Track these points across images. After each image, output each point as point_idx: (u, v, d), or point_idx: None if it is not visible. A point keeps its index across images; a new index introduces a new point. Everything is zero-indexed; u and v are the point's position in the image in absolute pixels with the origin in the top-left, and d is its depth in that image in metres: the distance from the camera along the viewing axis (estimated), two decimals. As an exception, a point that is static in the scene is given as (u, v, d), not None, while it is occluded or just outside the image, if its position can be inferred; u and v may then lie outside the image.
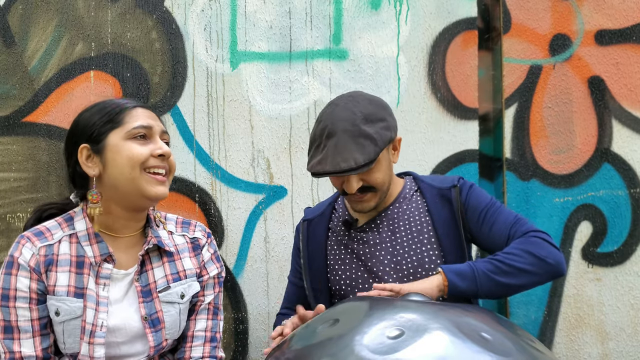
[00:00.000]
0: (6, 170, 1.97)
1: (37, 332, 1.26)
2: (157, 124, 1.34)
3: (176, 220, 1.48)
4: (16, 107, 1.97)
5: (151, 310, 1.32)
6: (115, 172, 1.27)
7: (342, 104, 1.45)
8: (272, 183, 2.07)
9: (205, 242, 1.47)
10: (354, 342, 0.88)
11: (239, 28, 2.06)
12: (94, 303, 1.27)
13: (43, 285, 1.26)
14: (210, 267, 1.45)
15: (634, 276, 2.11)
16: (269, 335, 1.56)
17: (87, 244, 1.30)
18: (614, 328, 2.11)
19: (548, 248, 1.41)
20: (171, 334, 1.35)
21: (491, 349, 0.88)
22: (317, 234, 1.62)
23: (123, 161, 1.26)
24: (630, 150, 2.11)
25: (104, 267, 1.30)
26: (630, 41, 2.11)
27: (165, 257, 1.39)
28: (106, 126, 1.29)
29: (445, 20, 2.10)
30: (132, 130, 1.28)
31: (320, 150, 1.42)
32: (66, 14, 1.99)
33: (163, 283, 1.35)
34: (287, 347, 1.00)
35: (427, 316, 0.93)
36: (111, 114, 1.30)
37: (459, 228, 1.51)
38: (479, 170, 2.13)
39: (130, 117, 1.30)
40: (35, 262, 1.26)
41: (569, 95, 2.12)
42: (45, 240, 1.28)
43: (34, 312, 1.25)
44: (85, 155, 1.30)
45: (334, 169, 1.38)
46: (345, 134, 1.39)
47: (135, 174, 1.26)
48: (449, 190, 1.54)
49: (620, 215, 2.12)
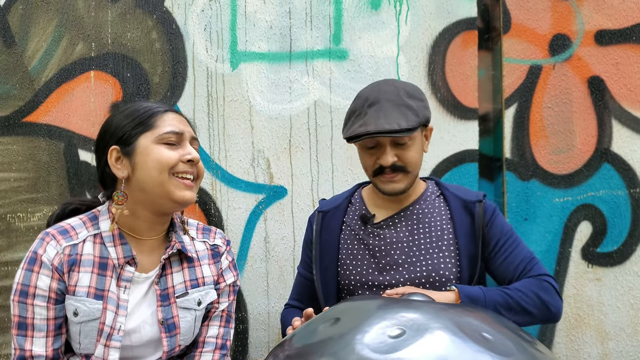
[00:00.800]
0: (6, 170, 1.97)
1: (51, 332, 1.25)
2: (188, 129, 1.35)
3: (197, 226, 1.48)
4: (16, 107, 1.97)
5: (168, 315, 1.32)
6: (143, 174, 1.27)
7: (382, 82, 1.49)
8: (272, 183, 2.07)
9: (225, 249, 1.47)
10: (354, 341, 0.88)
11: (239, 28, 2.06)
12: (114, 306, 1.27)
13: (64, 285, 1.25)
14: (227, 275, 1.46)
15: (634, 276, 2.12)
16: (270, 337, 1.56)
17: (112, 245, 1.30)
18: (614, 328, 2.12)
19: (555, 297, 1.47)
20: (185, 339, 1.36)
21: (492, 349, 0.88)
22: (332, 227, 1.61)
23: (152, 164, 1.27)
24: (630, 150, 2.11)
25: (126, 269, 1.30)
26: (630, 41, 2.11)
27: (186, 263, 1.39)
28: (137, 129, 1.30)
29: (445, 20, 2.11)
30: (163, 135, 1.29)
31: (362, 117, 1.43)
32: (66, 14, 1.99)
33: (181, 289, 1.36)
34: (287, 346, 1.00)
35: (428, 316, 0.93)
36: (143, 117, 1.31)
37: (477, 244, 1.51)
38: (479, 170, 2.13)
39: (161, 122, 1.31)
40: (59, 261, 1.25)
41: (569, 95, 2.12)
42: (70, 240, 1.28)
43: (51, 312, 1.25)
44: (115, 157, 1.30)
45: (377, 128, 1.38)
46: (388, 102, 1.42)
47: (164, 177, 1.27)
48: (473, 205, 1.54)
49: (620, 215, 2.12)
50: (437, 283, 1.47)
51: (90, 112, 2.00)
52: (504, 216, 1.61)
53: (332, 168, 2.08)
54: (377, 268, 1.52)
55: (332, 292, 1.57)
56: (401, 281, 1.48)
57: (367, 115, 1.42)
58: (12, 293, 1.24)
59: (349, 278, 1.54)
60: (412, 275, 1.48)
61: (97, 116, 2.00)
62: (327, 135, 2.08)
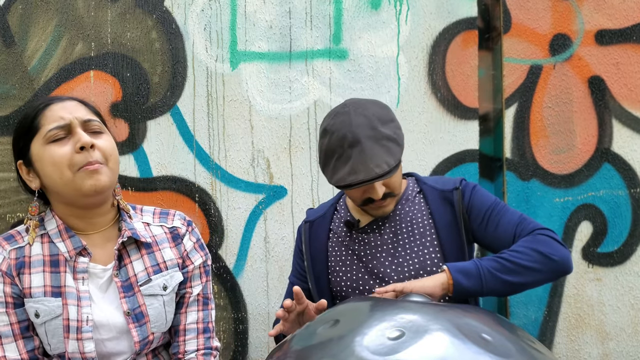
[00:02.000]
0: (6, 170, 1.97)
1: (19, 336, 1.24)
2: (76, 115, 1.25)
3: (154, 211, 1.44)
4: (16, 107, 1.97)
5: (134, 305, 1.29)
6: (48, 181, 1.24)
7: (351, 111, 1.42)
8: (272, 183, 2.07)
9: (186, 230, 1.42)
10: (354, 343, 0.88)
11: (239, 28, 2.06)
12: (74, 299, 1.25)
13: (17, 288, 1.24)
14: (194, 257, 1.41)
15: (634, 276, 2.11)
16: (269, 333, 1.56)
17: (60, 240, 1.28)
18: (614, 328, 2.11)
19: (554, 245, 1.39)
20: (157, 327, 1.32)
21: (492, 350, 0.88)
22: (319, 236, 1.62)
23: (50, 168, 1.22)
24: (630, 150, 2.11)
25: (79, 261, 1.27)
26: (631, 41, 2.11)
27: (144, 249, 1.35)
28: (27, 136, 1.25)
29: (445, 20, 2.10)
30: (48, 134, 1.22)
31: (345, 161, 1.39)
32: (66, 13, 1.99)
33: (144, 276, 1.32)
34: (287, 348, 1.00)
35: (427, 317, 0.93)
36: (28, 122, 1.25)
37: (461, 231, 1.50)
38: (479, 170, 2.13)
39: (45, 119, 1.24)
40: (6, 266, 1.23)
41: (569, 95, 2.12)
42: (15, 243, 1.27)
43: (12, 317, 1.23)
44: (25, 170, 1.28)
45: (369, 176, 1.35)
46: (369, 140, 1.37)
47: (67, 177, 1.21)
48: (450, 193, 1.53)
49: (621, 215, 2.12)
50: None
51: (90, 112, 1.99)
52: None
53: (332, 168, 2.08)
54: (365, 272, 1.52)
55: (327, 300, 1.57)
56: (390, 283, 1.48)
57: (352, 160, 1.37)
58: None
59: (340, 285, 1.55)
60: (401, 276, 1.48)
61: (96, 116, 1.99)
62: (327, 135, 2.07)
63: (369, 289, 1.51)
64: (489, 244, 1.52)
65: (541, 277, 1.38)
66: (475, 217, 1.51)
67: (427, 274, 1.47)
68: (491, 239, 1.50)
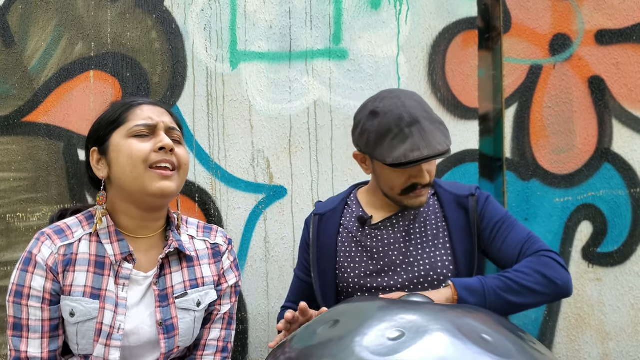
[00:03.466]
0: (6, 170, 1.97)
1: (47, 334, 1.24)
2: (163, 119, 1.31)
3: (197, 224, 1.45)
4: (16, 107, 1.97)
5: (167, 316, 1.30)
6: (118, 171, 1.25)
7: (401, 95, 1.44)
8: (272, 183, 2.07)
9: (226, 249, 1.44)
10: (354, 343, 0.88)
11: (239, 28, 2.05)
12: (112, 305, 1.25)
13: (58, 286, 1.24)
14: (229, 276, 1.43)
15: (634, 276, 2.11)
16: (274, 331, 1.56)
17: (108, 241, 1.28)
18: (614, 328, 2.11)
19: (557, 269, 1.41)
20: (184, 341, 1.33)
21: (492, 351, 0.87)
22: (329, 229, 1.60)
23: (124, 160, 1.24)
24: (630, 150, 2.11)
25: (124, 267, 1.28)
26: (631, 41, 2.11)
27: (185, 262, 1.36)
28: (110, 126, 1.28)
29: (445, 20, 2.10)
30: (134, 128, 1.26)
31: (403, 139, 1.38)
32: (66, 13, 1.99)
33: (180, 289, 1.33)
34: (287, 348, 1.00)
35: (427, 317, 0.93)
36: (115, 114, 1.29)
37: (473, 237, 1.51)
38: (479, 170, 2.13)
39: (133, 116, 1.28)
40: (53, 261, 1.24)
41: (569, 95, 2.12)
42: (65, 239, 1.27)
43: (45, 313, 1.23)
44: (96, 158, 1.30)
45: (433, 152, 1.36)
46: (426, 120, 1.40)
47: (139, 171, 1.23)
48: (466, 199, 1.54)
49: (621, 215, 2.12)
50: (435, 282, 1.47)
51: (90, 112, 1.99)
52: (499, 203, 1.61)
53: (332, 168, 2.08)
54: (375, 270, 1.52)
55: (331, 295, 1.57)
56: (400, 282, 1.48)
57: (411, 138, 1.37)
58: (8, 293, 1.24)
59: (347, 281, 1.54)
60: (410, 276, 1.48)
61: (96, 116, 1.99)
62: (327, 135, 2.07)
63: (377, 286, 1.50)
64: (494, 256, 1.53)
65: (543, 299, 1.41)
66: (485, 227, 1.52)
67: (436, 276, 1.47)
68: (497, 252, 1.51)
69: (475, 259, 1.50)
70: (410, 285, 1.48)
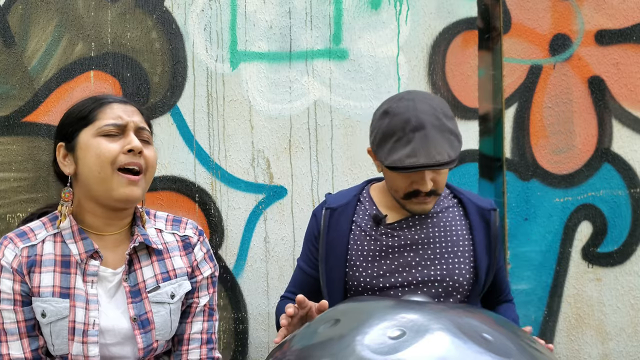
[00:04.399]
0: (6, 170, 1.97)
1: (24, 334, 1.24)
2: (133, 119, 1.28)
3: (166, 218, 1.44)
4: (16, 107, 1.97)
5: (140, 311, 1.29)
6: (85, 170, 1.24)
7: (417, 98, 1.40)
8: (272, 183, 2.07)
9: (197, 240, 1.42)
10: (354, 342, 0.88)
11: (239, 28, 2.06)
12: (83, 302, 1.25)
13: (27, 286, 1.24)
14: (203, 267, 1.42)
15: (634, 276, 2.12)
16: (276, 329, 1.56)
17: (72, 241, 1.27)
18: (614, 328, 2.12)
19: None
20: (162, 334, 1.32)
21: (492, 350, 0.88)
22: (340, 225, 1.55)
23: (92, 159, 1.23)
24: (630, 150, 2.11)
25: (90, 264, 1.27)
26: (630, 41, 2.11)
27: (155, 256, 1.35)
28: (79, 123, 1.27)
29: (445, 20, 2.10)
30: (103, 128, 1.24)
31: (405, 143, 1.36)
32: (66, 14, 1.99)
33: (152, 283, 1.32)
34: (287, 348, 1.00)
35: (428, 316, 0.93)
36: (85, 111, 1.27)
37: (493, 251, 1.52)
38: (479, 170, 2.13)
39: (103, 114, 1.26)
40: (17, 263, 1.24)
41: (569, 95, 2.12)
42: (28, 241, 1.26)
43: (19, 314, 1.24)
44: (62, 153, 1.29)
45: (429, 161, 1.33)
46: (434, 128, 1.35)
47: (106, 173, 1.22)
48: (488, 212, 1.54)
49: (620, 215, 2.12)
50: (449, 288, 1.45)
51: (90, 112, 1.99)
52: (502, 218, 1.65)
53: (332, 168, 2.08)
54: (388, 269, 1.48)
55: (339, 292, 1.53)
56: (413, 283, 1.46)
57: (412, 143, 1.35)
58: None
59: (359, 279, 1.50)
60: (425, 279, 1.46)
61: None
62: (327, 135, 2.07)
63: (389, 286, 1.47)
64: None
65: None
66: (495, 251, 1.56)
67: (452, 283, 1.45)
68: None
69: (492, 272, 1.51)
70: (424, 288, 1.46)
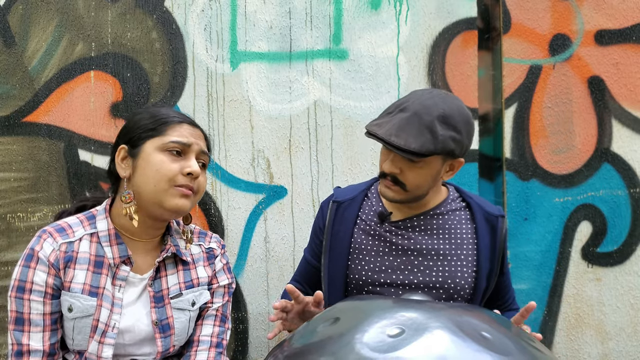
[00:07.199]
0: (6, 170, 1.97)
1: (48, 327, 1.26)
2: (198, 142, 1.32)
3: (193, 230, 1.48)
4: (16, 107, 1.97)
5: (162, 316, 1.33)
6: (141, 179, 1.27)
7: (435, 94, 1.42)
8: (272, 183, 2.07)
9: (219, 252, 1.48)
10: (354, 341, 0.88)
11: (239, 28, 2.06)
12: (109, 303, 1.28)
13: (59, 281, 1.27)
14: (221, 277, 1.46)
15: (634, 276, 2.11)
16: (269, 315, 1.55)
17: (107, 244, 1.31)
18: (614, 328, 2.12)
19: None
20: (179, 340, 1.37)
21: (491, 348, 0.88)
22: (346, 219, 1.57)
23: (151, 172, 1.26)
24: (630, 150, 2.11)
25: (121, 268, 1.31)
26: (630, 41, 2.11)
27: (181, 265, 1.40)
28: (147, 133, 1.30)
29: (445, 20, 2.11)
30: (168, 144, 1.28)
31: (387, 117, 1.41)
32: (66, 14, 1.99)
33: (176, 290, 1.37)
34: (287, 346, 1.00)
35: (427, 315, 0.93)
36: (156, 123, 1.30)
37: (496, 259, 1.52)
38: (479, 170, 2.13)
39: (172, 130, 1.30)
40: (55, 257, 1.26)
41: (568, 95, 2.12)
42: (66, 237, 1.29)
43: (47, 307, 1.26)
44: (122, 155, 1.31)
45: (384, 136, 1.36)
46: (416, 116, 1.36)
47: (162, 187, 1.26)
48: (496, 218, 1.53)
49: (620, 215, 2.12)
50: (450, 290, 1.46)
51: (90, 112, 2.00)
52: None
53: (332, 168, 2.08)
54: (390, 266, 1.49)
55: (339, 285, 1.54)
56: (415, 282, 1.46)
57: (390, 118, 1.39)
58: (10, 289, 1.26)
59: (360, 273, 1.51)
60: (427, 279, 1.46)
61: (97, 116, 2.00)
62: (327, 135, 2.08)
63: (390, 282, 1.48)
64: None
65: None
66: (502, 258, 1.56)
67: (453, 285, 1.46)
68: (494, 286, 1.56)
69: (494, 279, 1.51)
70: (425, 288, 1.46)
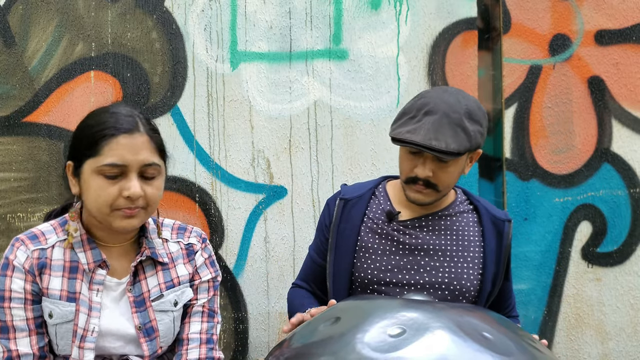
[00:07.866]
0: (6, 170, 1.97)
1: (33, 331, 1.26)
2: (137, 157, 1.22)
3: (172, 226, 1.44)
4: (16, 107, 1.97)
5: (145, 320, 1.31)
6: (87, 201, 1.25)
7: (450, 91, 1.43)
8: (272, 183, 2.07)
9: (200, 247, 1.43)
10: (355, 340, 0.89)
11: (239, 28, 2.06)
12: (86, 308, 1.27)
13: (37, 286, 1.26)
14: (203, 272, 1.42)
15: (634, 276, 2.12)
16: (282, 329, 1.56)
17: (81, 250, 1.29)
18: (614, 328, 2.12)
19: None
20: (166, 341, 1.35)
21: (492, 349, 0.88)
22: (352, 217, 1.55)
23: (92, 197, 1.23)
24: (630, 150, 2.12)
25: (97, 272, 1.29)
26: (630, 41, 2.11)
27: (160, 266, 1.37)
28: (85, 151, 1.24)
29: (445, 20, 2.11)
30: (103, 167, 1.20)
31: (414, 122, 1.39)
32: (66, 14, 1.99)
33: (156, 292, 1.34)
34: (288, 346, 1.00)
35: (428, 315, 0.93)
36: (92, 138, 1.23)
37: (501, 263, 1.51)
38: (479, 170, 2.13)
39: (107, 149, 1.21)
40: (29, 264, 1.26)
41: (568, 95, 2.12)
42: (38, 244, 1.28)
43: (29, 312, 1.26)
44: (71, 171, 1.29)
45: (424, 142, 1.34)
46: (446, 117, 1.36)
47: (104, 212, 1.22)
48: (502, 223, 1.53)
49: (620, 215, 2.12)
50: (456, 292, 1.45)
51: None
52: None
53: (332, 168, 2.08)
54: (396, 265, 1.48)
55: (344, 284, 1.52)
56: (420, 282, 1.46)
57: (420, 123, 1.38)
58: None
59: (366, 272, 1.50)
60: (433, 280, 1.46)
61: (97, 116, 2.00)
62: (327, 135, 2.08)
63: (396, 281, 1.47)
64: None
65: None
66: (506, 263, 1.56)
67: (459, 287, 1.45)
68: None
69: (498, 282, 1.50)
70: (430, 289, 1.46)
